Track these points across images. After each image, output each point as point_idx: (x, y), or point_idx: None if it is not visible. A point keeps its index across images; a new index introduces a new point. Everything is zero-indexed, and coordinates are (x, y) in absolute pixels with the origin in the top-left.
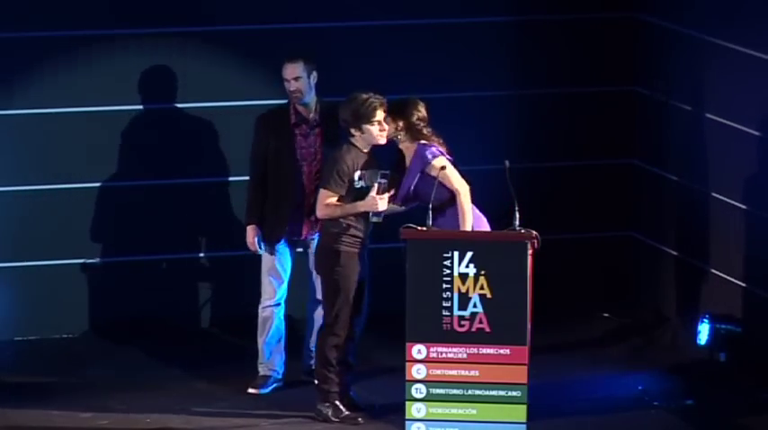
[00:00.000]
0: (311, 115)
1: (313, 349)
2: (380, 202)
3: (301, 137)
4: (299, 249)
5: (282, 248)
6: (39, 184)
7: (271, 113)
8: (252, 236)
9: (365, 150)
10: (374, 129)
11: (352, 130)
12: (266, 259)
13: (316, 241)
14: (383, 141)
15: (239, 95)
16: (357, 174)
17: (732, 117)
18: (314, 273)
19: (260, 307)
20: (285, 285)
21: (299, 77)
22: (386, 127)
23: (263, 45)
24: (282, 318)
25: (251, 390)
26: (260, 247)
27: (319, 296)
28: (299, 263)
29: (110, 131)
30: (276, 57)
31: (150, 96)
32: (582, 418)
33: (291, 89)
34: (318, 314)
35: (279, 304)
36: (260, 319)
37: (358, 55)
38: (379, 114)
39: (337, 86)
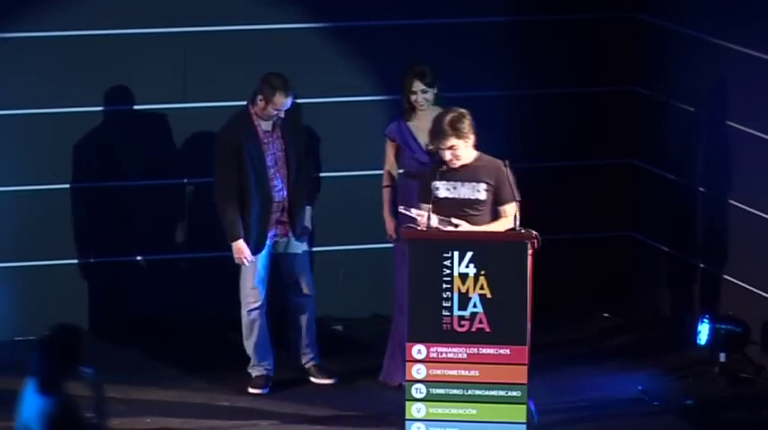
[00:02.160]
0: (273, 121)
1: (307, 346)
2: (423, 221)
3: (270, 143)
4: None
5: (263, 253)
6: (39, 184)
7: (233, 127)
8: (243, 250)
9: (455, 166)
10: (445, 154)
11: None
12: (250, 265)
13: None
14: (454, 165)
15: (240, 96)
16: (435, 184)
17: (732, 117)
18: (290, 272)
19: (244, 311)
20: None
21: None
22: (456, 153)
23: (264, 45)
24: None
25: (253, 391)
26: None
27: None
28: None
29: (109, 131)
30: (276, 57)
31: (150, 96)
32: (582, 418)
33: (281, 116)
34: (304, 313)
35: (263, 305)
36: (246, 323)
37: (358, 55)
38: (445, 143)
39: (337, 87)
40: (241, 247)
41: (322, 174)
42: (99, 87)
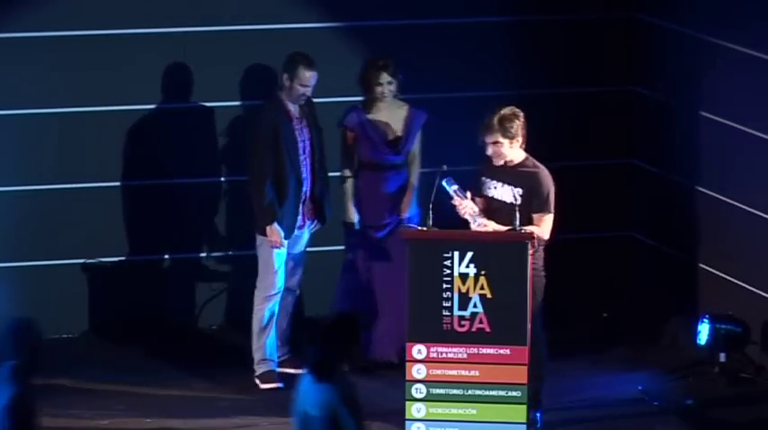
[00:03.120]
0: (300, 109)
1: (281, 339)
2: (460, 209)
3: (300, 130)
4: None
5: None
6: (39, 184)
7: (268, 111)
8: (278, 233)
9: (497, 163)
10: (488, 148)
11: None
12: (279, 254)
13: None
14: (496, 162)
15: (240, 96)
16: (483, 179)
17: (732, 117)
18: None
19: (261, 304)
20: None
21: (315, 84)
22: (498, 150)
23: (263, 45)
24: None
25: (268, 386)
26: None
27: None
28: None
29: (109, 131)
30: (276, 57)
31: (150, 96)
32: (582, 418)
33: (308, 93)
34: (288, 307)
35: (280, 297)
36: (264, 316)
37: (358, 55)
38: (489, 138)
39: (338, 86)
40: (276, 231)
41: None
42: (99, 87)
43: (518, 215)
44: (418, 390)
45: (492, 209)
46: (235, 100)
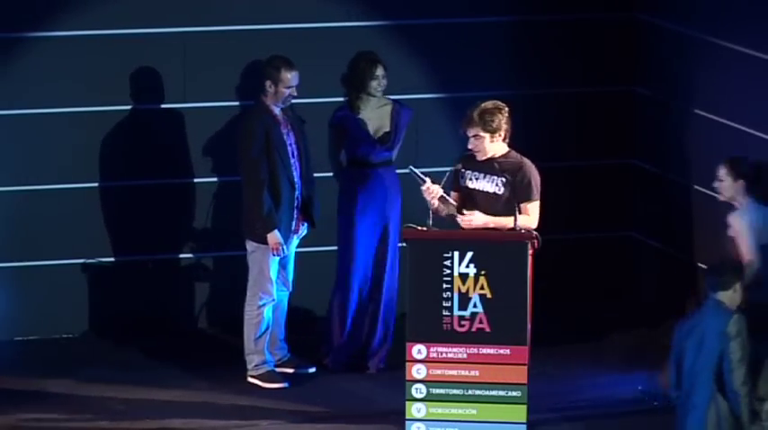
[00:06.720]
0: (287, 114)
1: (281, 340)
2: (428, 193)
3: (287, 133)
4: None
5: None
6: (39, 184)
7: (256, 116)
8: (279, 240)
9: (480, 158)
10: (469, 141)
11: None
12: (274, 261)
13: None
14: (479, 157)
15: (240, 96)
16: (462, 171)
17: (732, 117)
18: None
19: (253, 306)
20: None
21: (298, 83)
22: (479, 144)
23: (263, 45)
24: None
25: (274, 386)
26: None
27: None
28: None
29: (109, 131)
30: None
31: (150, 96)
32: (582, 418)
33: (294, 95)
34: (282, 308)
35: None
36: (261, 322)
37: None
38: (470, 131)
39: (338, 87)
40: (277, 237)
41: (318, 175)
42: (99, 87)
43: (517, 213)
44: (418, 390)
45: (473, 201)
46: (235, 100)
